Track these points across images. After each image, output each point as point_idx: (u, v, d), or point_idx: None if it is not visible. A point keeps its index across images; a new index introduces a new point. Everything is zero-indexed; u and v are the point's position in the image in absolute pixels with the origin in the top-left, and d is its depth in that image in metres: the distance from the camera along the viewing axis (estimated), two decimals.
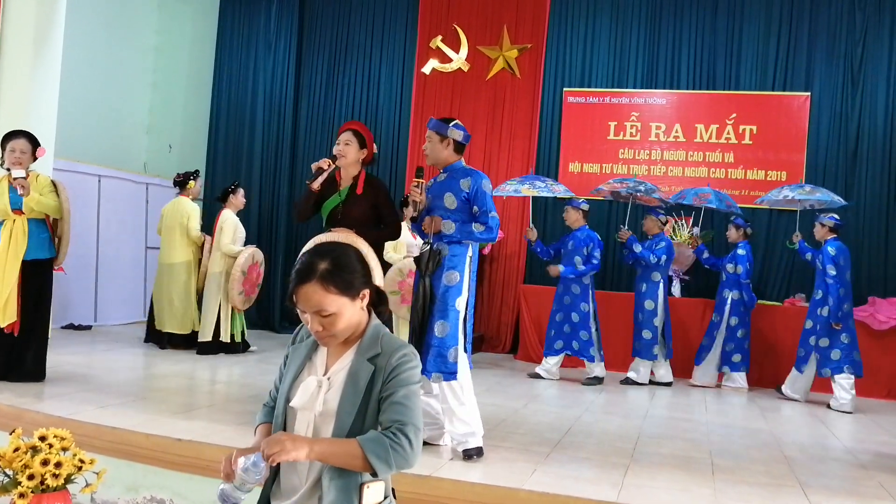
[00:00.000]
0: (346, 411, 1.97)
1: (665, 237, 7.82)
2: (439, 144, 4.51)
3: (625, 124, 9.38)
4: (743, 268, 7.63)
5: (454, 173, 4.52)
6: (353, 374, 2.00)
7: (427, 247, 4.35)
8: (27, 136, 5.46)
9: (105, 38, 9.82)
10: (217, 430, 4.42)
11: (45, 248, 5.46)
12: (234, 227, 7.70)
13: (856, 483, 4.34)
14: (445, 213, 4.43)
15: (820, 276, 7.25)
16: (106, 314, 9.38)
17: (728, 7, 9.14)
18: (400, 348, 2.02)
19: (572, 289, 7.56)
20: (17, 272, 5.28)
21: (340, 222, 4.45)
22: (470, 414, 4.33)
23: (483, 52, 9.81)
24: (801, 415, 6.63)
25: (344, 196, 4.58)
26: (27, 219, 5.37)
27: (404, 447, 1.91)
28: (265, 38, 10.50)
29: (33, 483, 2.69)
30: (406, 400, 1.96)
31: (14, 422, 4.23)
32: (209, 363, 7.10)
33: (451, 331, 4.32)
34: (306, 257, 2.00)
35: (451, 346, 4.31)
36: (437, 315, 4.32)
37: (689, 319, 8.30)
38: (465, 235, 4.42)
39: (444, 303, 4.33)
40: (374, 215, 4.61)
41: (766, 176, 8.92)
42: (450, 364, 4.30)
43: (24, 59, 6.78)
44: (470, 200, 4.44)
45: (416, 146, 9.88)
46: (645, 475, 4.15)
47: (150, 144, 10.88)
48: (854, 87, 8.77)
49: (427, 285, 4.31)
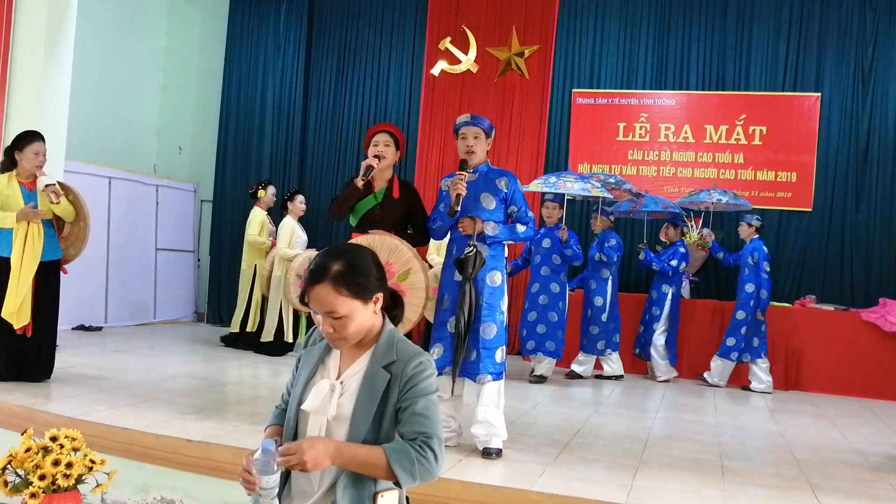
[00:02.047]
0: (362, 418, 1.95)
1: (615, 235, 7.84)
2: (485, 143, 4.51)
3: (634, 125, 9.36)
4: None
5: (487, 174, 4.50)
6: (369, 381, 1.97)
7: (471, 249, 4.29)
8: (44, 139, 5.43)
9: (115, 41, 9.87)
10: (227, 430, 4.42)
11: (56, 248, 5.47)
12: (291, 231, 7.90)
13: (867, 485, 4.31)
14: (483, 214, 4.40)
15: (752, 271, 7.72)
16: (116, 315, 9.41)
17: (738, 7, 9.10)
18: (416, 356, 2.00)
19: (551, 287, 7.40)
20: (33, 274, 5.28)
21: (377, 224, 4.43)
22: (502, 416, 4.36)
23: (492, 54, 9.80)
24: (810, 416, 6.60)
25: (380, 198, 4.55)
26: (40, 220, 5.36)
27: (430, 460, 1.91)
28: (274, 40, 10.53)
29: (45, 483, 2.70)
30: (427, 411, 1.95)
31: (25, 422, 4.25)
32: (218, 365, 7.12)
33: (497, 332, 4.34)
34: (320, 258, 1.99)
35: (498, 346, 4.34)
36: (484, 317, 4.31)
37: (700, 321, 8.27)
38: (509, 236, 4.44)
39: (490, 304, 4.34)
40: (405, 220, 4.61)
41: (777, 177, 8.89)
42: (497, 364, 4.33)
43: (35, 62, 6.81)
44: (507, 201, 4.45)
45: (424, 147, 9.89)
46: (654, 477, 4.14)
47: (160, 146, 10.94)
48: (865, 87, 8.73)
49: (473, 288, 4.29)
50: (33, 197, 5.34)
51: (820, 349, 7.90)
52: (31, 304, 5.30)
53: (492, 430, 4.30)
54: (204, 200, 10.93)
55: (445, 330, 4.38)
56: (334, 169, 10.35)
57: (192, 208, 10.83)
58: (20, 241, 5.26)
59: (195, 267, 10.86)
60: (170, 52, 10.99)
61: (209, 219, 10.84)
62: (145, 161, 10.63)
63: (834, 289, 8.61)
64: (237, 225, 10.42)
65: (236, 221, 10.43)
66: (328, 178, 10.31)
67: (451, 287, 4.41)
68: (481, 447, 4.30)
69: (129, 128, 10.32)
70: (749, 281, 7.76)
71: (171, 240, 10.40)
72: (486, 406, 4.31)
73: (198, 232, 10.91)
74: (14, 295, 5.22)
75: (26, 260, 5.26)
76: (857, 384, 7.74)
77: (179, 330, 9.73)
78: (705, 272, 8.94)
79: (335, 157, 10.41)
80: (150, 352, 7.65)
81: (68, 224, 5.58)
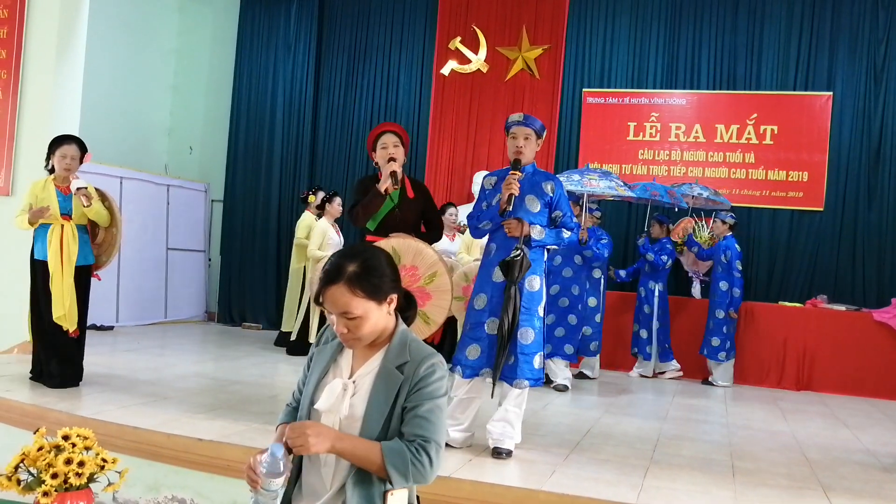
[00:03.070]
0: (374, 418, 1.95)
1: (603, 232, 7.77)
2: (535, 144, 4.44)
3: (644, 125, 9.34)
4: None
5: (533, 175, 4.44)
6: (382, 381, 1.98)
7: (518, 252, 4.20)
8: (77, 142, 5.44)
9: (126, 42, 9.92)
10: (238, 430, 4.44)
11: (88, 254, 5.48)
12: (323, 233, 7.89)
13: (879, 486, 4.29)
14: (527, 216, 4.34)
15: (725, 269, 7.83)
16: (127, 315, 9.46)
17: (749, 6, 9.06)
18: (428, 357, 1.99)
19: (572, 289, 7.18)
20: (72, 277, 5.31)
21: (399, 226, 4.40)
22: (520, 419, 4.36)
23: (502, 53, 9.79)
24: (821, 416, 6.57)
25: (397, 200, 4.51)
26: (75, 224, 5.38)
27: (424, 464, 1.90)
28: (285, 40, 10.55)
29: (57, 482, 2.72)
30: (430, 415, 1.94)
31: (38, 421, 4.28)
32: (229, 364, 7.14)
33: (535, 337, 4.31)
34: (336, 258, 1.99)
35: (536, 352, 4.31)
36: (523, 322, 4.26)
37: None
38: (554, 240, 4.40)
39: (528, 309, 4.29)
40: (422, 218, 4.59)
41: (788, 176, 8.85)
42: (536, 371, 4.30)
43: (47, 63, 6.86)
44: (551, 205, 4.41)
45: (434, 147, 9.89)
46: (664, 477, 4.13)
47: (171, 146, 10.99)
48: (877, 86, 8.67)
49: (518, 292, 4.22)
50: (68, 200, 5.36)
51: (831, 349, 7.86)
52: (76, 308, 5.33)
53: (508, 430, 4.29)
54: (215, 200, 10.97)
55: (483, 331, 4.32)
56: (345, 168, 10.37)
57: (202, 208, 10.87)
58: (55, 246, 5.29)
59: (206, 266, 10.90)
60: (180, 53, 11.03)
61: (220, 218, 10.88)
62: (156, 161, 10.67)
63: (846, 289, 8.57)
64: (248, 224, 10.48)
65: (247, 221, 10.48)
66: (338, 178, 10.32)
67: (488, 287, 4.34)
68: (492, 445, 4.28)
69: (140, 128, 10.37)
70: (722, 279, 7.85)
71: (182, 239, 10.44)
72: (510, 409, 4.30)
73: (209, 231, 10.95)
74: (61, 298, 5.27)
75: (64, 263, 5.29)
76: (869, 384, 7.70)
77: (190, 329, 9.77)
78: None
79: (345, 156, 10.43)
80: (161, 351, 7.68)
81: (102, 230, 5.60)
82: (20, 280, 6.48)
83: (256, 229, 10.46)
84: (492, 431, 4.31)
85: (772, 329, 8.01)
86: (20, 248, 6.55)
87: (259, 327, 10.21)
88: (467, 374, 4.30)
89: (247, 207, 10.50)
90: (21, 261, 5.74)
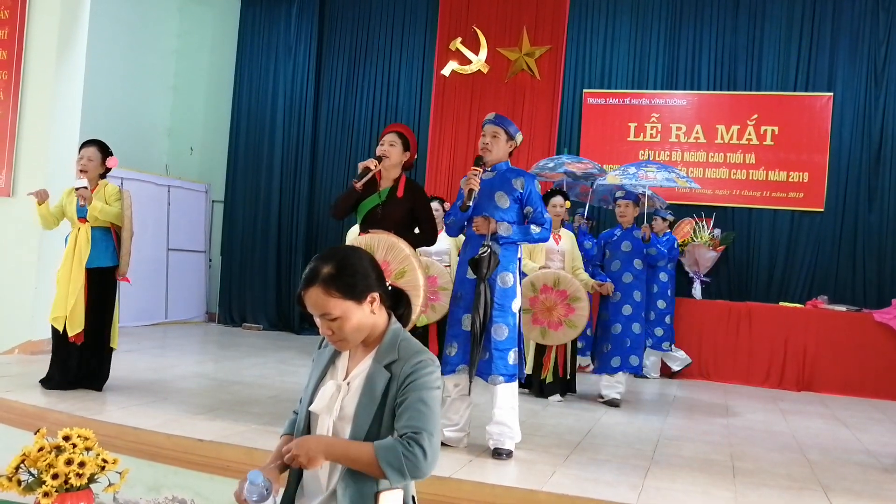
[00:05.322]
0: (363, 418, 1.95)
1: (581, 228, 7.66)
2: (504, 143, 4.51)
3: (645, 125, 9.34)
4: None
5: (504, 172, 4.51)
6: (370, 381, 1.98)
7: (486, 249, 4.28)
8: (98, 145, 5.46)
9: (127, 43, 9.93)
10: (238, 431, 4.44)
11: (109, 256, 5.41)
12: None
13: (879, 487, 4.29)
14: (496, 213, 4.40)
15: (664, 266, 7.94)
16: (128, 315, 9.44)
17: (749, 7, 9.07)
18: (417, 354, 1.99)
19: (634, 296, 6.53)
20: (82, 280, 5.26)
21: (379, 223, 4.41)
22: (517, 417, 4.38)
23: (502, 54, 9.80)
24: (822, 417, 6.57)
25: (384, 197, 4.52)
26: (91, 227, 5.35)
27: (417, 456, 1.87)
28: (285, 41, 10.56)
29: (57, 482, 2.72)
30: (420, 405, 1.92)
31: (38, 422, 4.28)
32: (229, 365, 7.14)
33: (509, 333, 4.33)
34: (312, 262, 2.00)
35: (511, 348, 4.33)
36: (496, 318, 4.30)
37: (715, 322, 8.25)
38: (523, 237, 4.43)
39: (501, 306, 4.33)
40: (410, 219, 4.59)
41: (788, 177, 8.85)
42: (510, 367, 4.32)
43: (48, 64, 6.86)
44: (521, 200, 4.44)
45: (435, 148, 9.90)
46: (665, 477, 4.13)
47: (172, 147, 11.00)
48: (878, 87, 8.68)
49: (488, 289, 4.29)
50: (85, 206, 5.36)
51: (832, 350, 7.86)
52: (83, 312, 5.29)
53: (506, 430, 4.31)
54: (215, 201, 10.98)
55: (459, 327, 4.38)
56: (345, 169, 10.37)
57: (203, 209, 10.88)
58: (69, 247, 5.31)
59: (206, 267, 10.90)
60: (181, 54, 11.04)
61: (220, 219, 10.88)
62: (157, 162, 10.68)
63: (846, 289, 8.57)
64: (248, 225, 10.48)
65: (247, 221, 10.49)
66: (339, 179, 10.33)
67: (464, 284, 4.41)
68: (493, 446, 4.31)
69: (141, 129, 10.37)
70: (663, 270, 7.97)
71: (182, 240, 10.45)
72: (502, 408, 4.32)
73: (209, 232, 10.96)
74: (63, 299, 5.24)
75: (74, 266, 5.27)
76: (869, 385, 7.70)
77: (191, 330, 9.77)
78: (717, 273, 8.90)
79: (346, 157, 10.43)
80: (162, 352, 7.69)
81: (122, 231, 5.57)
82: (21, 281, 6.50)
83: (257, 230, 10.47)
84: (491, 433, 4.34)
85: (772, 330, 8.01)
86: (21, 249, 6.57)
87: (260, 328, 10.22)
88: (446, 371, 4.34)
89: (247, 208, 10.50)
90: (21, 262, 5.74)
